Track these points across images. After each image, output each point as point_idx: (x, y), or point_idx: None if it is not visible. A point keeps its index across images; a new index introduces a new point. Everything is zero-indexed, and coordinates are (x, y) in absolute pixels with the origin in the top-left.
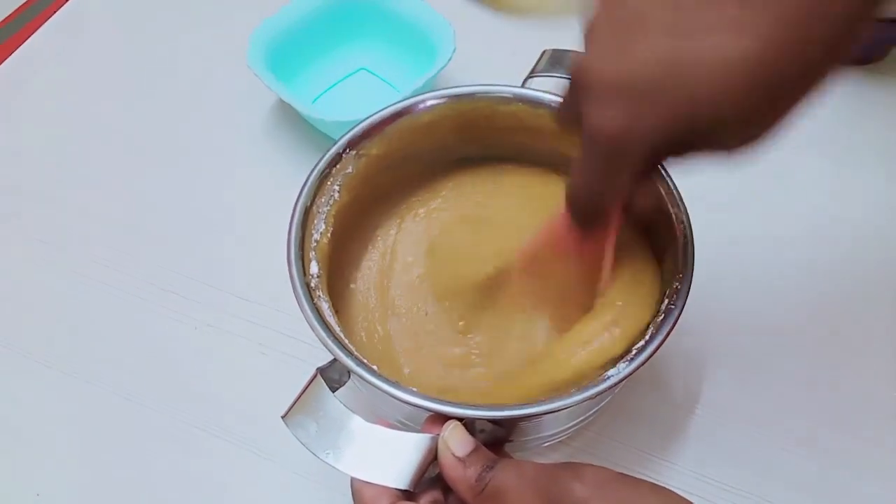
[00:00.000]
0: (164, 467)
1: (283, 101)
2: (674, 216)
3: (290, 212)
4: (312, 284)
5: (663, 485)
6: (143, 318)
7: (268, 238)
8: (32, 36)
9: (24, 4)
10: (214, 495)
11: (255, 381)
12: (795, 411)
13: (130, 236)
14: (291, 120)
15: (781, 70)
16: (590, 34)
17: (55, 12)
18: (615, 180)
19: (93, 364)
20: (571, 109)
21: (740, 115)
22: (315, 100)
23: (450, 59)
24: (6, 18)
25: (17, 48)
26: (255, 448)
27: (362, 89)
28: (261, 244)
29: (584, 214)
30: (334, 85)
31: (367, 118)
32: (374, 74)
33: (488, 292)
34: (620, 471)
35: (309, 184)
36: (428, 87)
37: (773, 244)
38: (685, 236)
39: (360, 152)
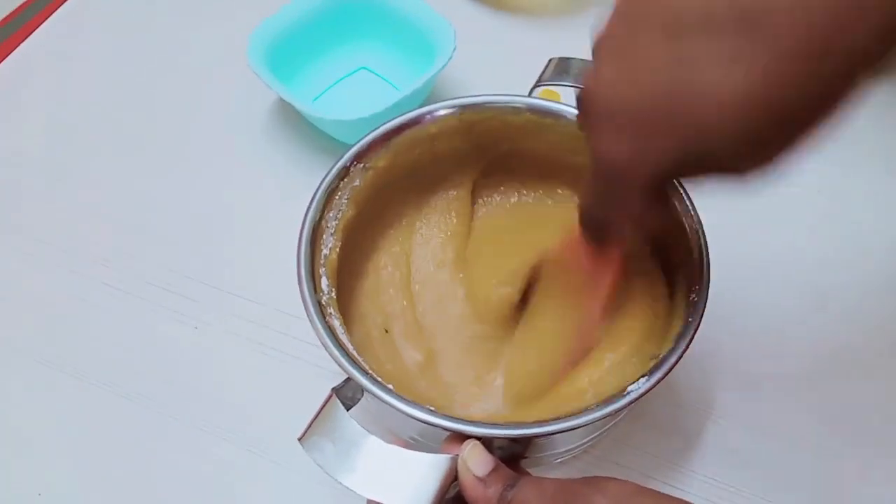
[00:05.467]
0: (164, 467)
1: (284, 101)
2: (688, 227)
3: (292, 215)
4: (324, 301)
5: (680, 490)
6: (143, 318)
7: (268, 237)
8: (32, 36)
9: (23, 4)
10: (215, 495)
11: (256, 381)
12: (809, 417)
13: (130, 236)
14: (292, 119)
15: (782, 104)
16: (598, 51)
17: (55, 12)
18: (622, 203)
19: (93, 364)
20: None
21: (744, 147)
22: (315, 99)
23: (450, 59)
24: (6, 18)
25: (17, 48)
26: (255, 448)
27: (363, 88)
28: (261, 243)
29: (593, 233)
30: (335, 84)
31: (375, 130)
32: (374, 74)
33: (500, 311)
34: (637, 476)
35: (317, 199)
36: (429, 87)
37: (780, 247)
38: (700, 248)
39: (367, 165)
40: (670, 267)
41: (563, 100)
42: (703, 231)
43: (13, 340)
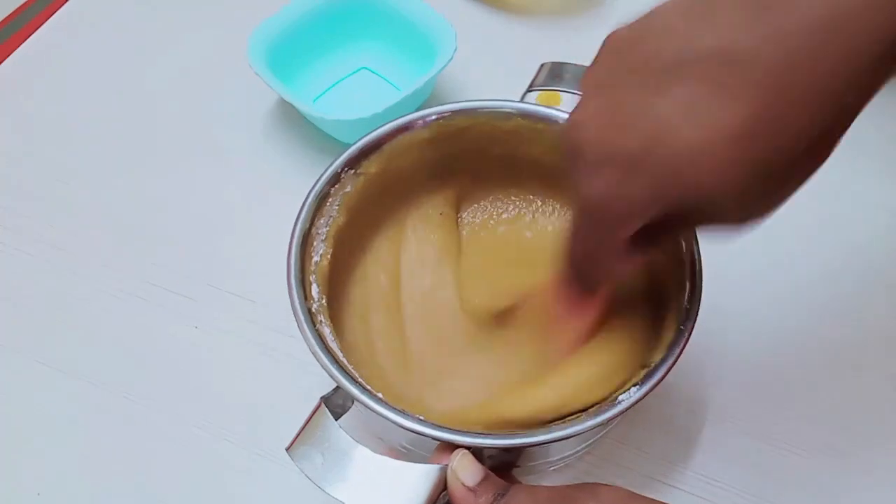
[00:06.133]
0: (164, 467)
1: (284, 101)
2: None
3: (292, 215)
4: (314, 309)
5: (679, 490)
6: (143, 318)
7: (268, 237)
8: (32, 36)
9: (23, 4)
10: (214, 495)
11: (256, 381)
12: (808, 417)
13: (130, 236)
14: (292, 119)
15: (768, 145)
16: (585, 87)
17: (55, 12)
18: (605, 247)
19: (93, 364)
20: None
21: (730, 194)
22: (316, 99)
23: (450, 59)
24: (6, 18)
25: (17, 48)
26: (255, 448)
27: (363, 88)
28: (261, 243)
29: (577, 277)
30: (335, 84)
31: (366, 135)
32: (375, 74)
33: (484, 322)
34: (637, 476)
35: (307, 206)
36: (429, 87)
37: (776, 248)
38: (693, 252)
39: (359, 171)
40: (657, 270)
41: (563, 103)
42: (696, 237)
43: (13, 341)
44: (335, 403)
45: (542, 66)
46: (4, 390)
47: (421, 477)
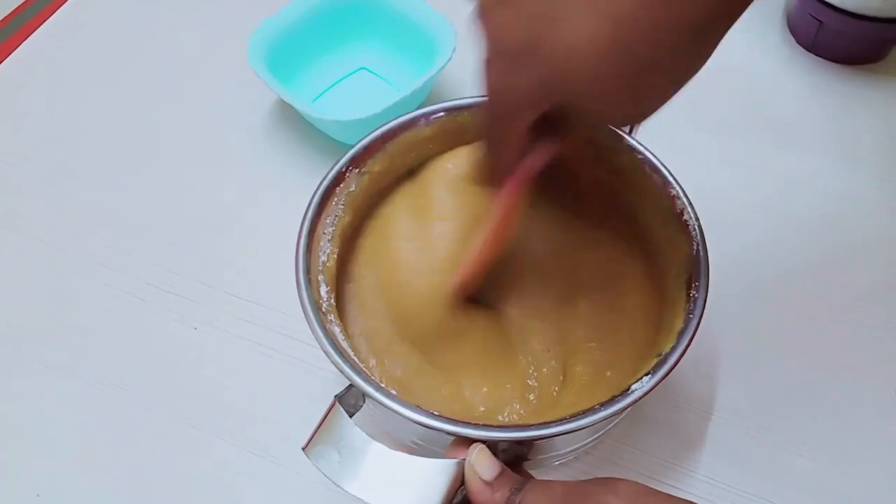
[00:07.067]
0: (163, 467)
1: (284, 101)
2: (686, 222)
3: (292, 215)
4: (323, 308)
5: (680, 491)
6: (143, 319)
7: (268, 238)
8: (32, 36)
9: (23, 4)
10: (214, 495)
11: (255, 382)
12: (809, 417)
13: (130, 236)
14: (292, 120)
15: (634, 51)
16: None
17: (55, 12)
18: (503, 133)
19: (93, 364)
20: None
21: (605, 94)
22: (315, 99)
23: (450, 59)
24: (6, 18)
25: (17, 48)
26: (255, 448)
27: (363, 89)
28: (261, 244)
29: (487, 166)
30: (334, 84)
31: (369, 134)
32: (374, 74)
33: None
34: (637, 476)
35: (313, 205)
36: (429, 87)
37: (776, 247)
38: (698, 243)
39: (363, 170)
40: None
41: None
42: (700, 227)
43: (13, 341)
44: (348, 402)
45: None
46: (4, 390)
47: (438, 472)
